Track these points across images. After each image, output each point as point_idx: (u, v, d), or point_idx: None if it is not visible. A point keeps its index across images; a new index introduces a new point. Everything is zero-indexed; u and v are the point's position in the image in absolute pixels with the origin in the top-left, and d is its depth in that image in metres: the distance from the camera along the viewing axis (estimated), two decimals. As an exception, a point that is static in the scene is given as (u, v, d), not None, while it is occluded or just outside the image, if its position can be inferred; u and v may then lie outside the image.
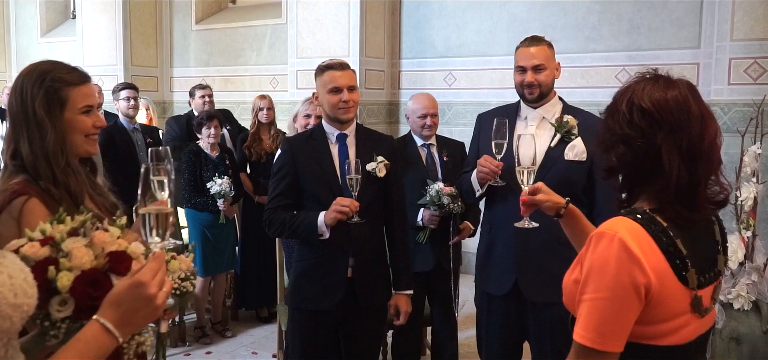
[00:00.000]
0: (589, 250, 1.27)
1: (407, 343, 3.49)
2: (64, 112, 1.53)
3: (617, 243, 1.21)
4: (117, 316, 1.00)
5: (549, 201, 1.68)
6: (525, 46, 2.46)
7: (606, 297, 1.21)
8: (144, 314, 1.03)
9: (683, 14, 4.91)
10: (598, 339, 1.22)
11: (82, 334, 0.99)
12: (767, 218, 4.38)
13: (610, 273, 1.21)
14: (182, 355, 4.12)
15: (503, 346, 2.55)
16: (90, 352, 0.97)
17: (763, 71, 4.39)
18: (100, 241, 1.09)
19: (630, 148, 1.28)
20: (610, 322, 1.22)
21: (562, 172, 2.35)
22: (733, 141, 4.16)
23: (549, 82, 2.44)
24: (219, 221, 4.26)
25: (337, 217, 2.26)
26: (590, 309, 1.23)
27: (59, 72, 1.55)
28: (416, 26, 6.08)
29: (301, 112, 3.56)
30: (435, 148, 3.47)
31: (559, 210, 1.68)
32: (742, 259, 3.54)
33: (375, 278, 2.50)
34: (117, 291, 1.02)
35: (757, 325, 3.42)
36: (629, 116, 1.28)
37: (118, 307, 1.01)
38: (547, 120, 2.44)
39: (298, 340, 2.52)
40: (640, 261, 1.20)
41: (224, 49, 7.37)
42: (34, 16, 8.81)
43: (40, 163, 1.50)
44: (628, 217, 1.27)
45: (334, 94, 2.39)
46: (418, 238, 3.33)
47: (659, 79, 1.31)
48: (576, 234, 1.67)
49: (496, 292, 2.52)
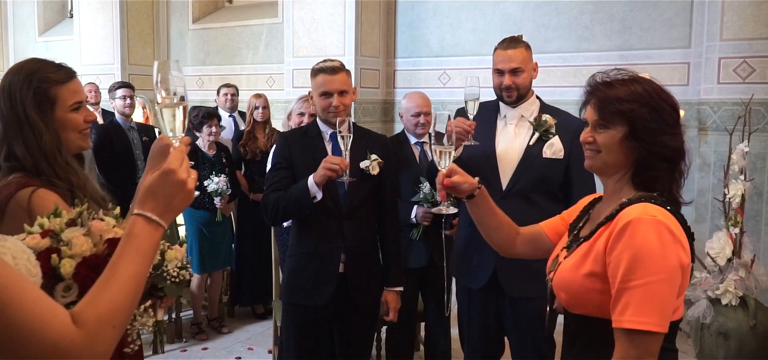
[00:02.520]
0: (625, 238, 1.27)
1: (401, 338, 3.53)
2: (54, 111, 1.54)
3: (660, 226, 1.25)
4: (156, 205, 1.03)
5: (465, 183, 1.68)
6: (502, 48, 2.48)
7: (661, 279, 1.24)
8: (179, 199, 1.06)
9: (674, 14, 4.97)
10: (659, 321, 1.24)
11: (131, 231, 1.01)
12: (754, 215, 4.45)
13: (659, 255, 1.24)
14: (179, 351, 4.16)
15: (484, 339, 2.58)
16: (144, 244, 1.00)
17: (752, 71, 4.45)
18: (98, 229, 1.14)
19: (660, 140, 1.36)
20: (667, 302, 1.25)
21: (540, 169, 2.41)
22: (722, 139, 4.22)
23: (526, 84, 2.48)
24: (215, 219, 4.29)
25: (327, 174, 2.24)
26: (645, 294, 1.23)
27: (46, 71, 1.55)
28: (411, 26, 6.12)
29: (295, 110, 3.61)
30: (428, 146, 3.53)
31: (473, 191, 1.69)
32: (730, 256, 3.60)
33: (367, 274, 2.53)
34: (149, 183, 1.05)
35: (745, 320, 3.48)
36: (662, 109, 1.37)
37: (154, 196, 1.04)
38: (525, 118, 2.49)
39: (292, 335, 2.55)
40: (681, 241, 1.27)
41: (221, 48, 7.40)
42: (31, 15, 8.82)
43: (41, 163, 1.51)
44: (650, 202, 1.32)
45: (325, 98, 2.42)
46: (412, 235, 3.37)
47: (645, 79, 1.43)
48: (483, 218, 1.72)
49: (474, 286, 2.55)
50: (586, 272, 1.33)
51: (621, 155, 1.39)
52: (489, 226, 1.74)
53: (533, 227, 1.74)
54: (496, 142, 2.51)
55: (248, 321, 4.70)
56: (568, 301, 1.41)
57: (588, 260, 1.34)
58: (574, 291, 1.37)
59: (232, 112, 5.41)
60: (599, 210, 1.51)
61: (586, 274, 1.33)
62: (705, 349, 3.61)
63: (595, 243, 1.35)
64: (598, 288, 1.32)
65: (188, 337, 4.36)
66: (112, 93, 4.83)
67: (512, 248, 1.75)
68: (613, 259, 1.28)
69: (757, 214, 4.46)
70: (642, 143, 1.36)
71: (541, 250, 1.71)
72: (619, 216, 1.31)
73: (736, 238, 3.60)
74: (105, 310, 0.92)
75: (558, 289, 1.44)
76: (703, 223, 4.64)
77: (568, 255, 1.45)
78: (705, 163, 4.73)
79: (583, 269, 1.35)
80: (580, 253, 1.38)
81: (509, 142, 2.50)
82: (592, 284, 1.33)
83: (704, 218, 4.64)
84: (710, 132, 4.68)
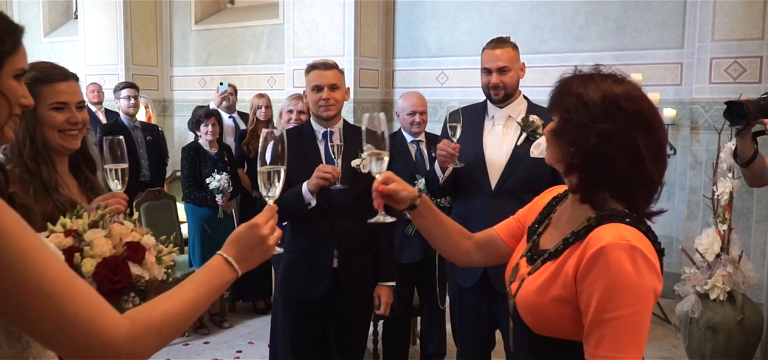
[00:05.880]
0: (597, 267, 1.16)
1: (397, 332, 3.61)
2: (35, 108, 1.62)
3: (635, 253, 1.15)
4: (236, 252, 1.16)
5: (403, 191, 1.54)
6: (490, 48, 2.55)
7: (639, 310, 1.15)
8: (258, 252, 1.19)
9: (667, 15, 5.04)
10: (636, 353, 1.15)
11: (209, 265, 1.14)
12: (745, 213, 4.52)
13: (634, 285, 1.14)
14: (181, 345, 4.24)
15: (476, 335, 2.64)
16: (214, 280, 1.12)
17: (743, 70, 4.52)
18: (118, 232, 1.22)
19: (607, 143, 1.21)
20: (643, 332, 1.17)
21: (528, 169, 2.47)
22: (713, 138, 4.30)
23: (514, 83, 2.55)
24: (217, 216, 4.38)
25: (320, 182, 2.32)
26: (622, 326, 1.14)
27: (38, 71, 1.67)
28: (409, 26, 6.21)
29: (285, 108, 3.71)
30: (424, 145, 3.60)
31: (413, 200, 1.55)
32: (718, 252, 3.67)
33: (360, 269, 2.57)
34: (237, 233, 1.19)
35: (733, 315, 3.55)
36: (605, 110, 1.22)
37: (236, 244, 1.17)
38: (513, 119, 2.55)
39: (288, 328, 2.60)
40: (655, 266, 1.18)
41: (223, 49, 7.49)
42: (37, 17, 8.93)
43: (14, 150, 1.64)
44: (619, 222, 1.20)
45: (316, 92, 2.48)
46: (407, 231, 3.44)
47: (616, 77, 1.27)
48: (430, 227, 1.59)
49: (465, 284, 2.61)
50: (554, 296, 1.24)
51: (555, 149, 1.30)
52: (436, 235, 1.61)
53: (486, 232, 1.62)
54: (484, 143, 2.57)
55: (249, 316, 4.78)
56: (535, 325, 1.31)
57: (556, 284, 1.24)
58: (542, 315, 1.28)
59: (231, 112, 5.45)
60: (561, 213, 1.40)
61: (555, 299, 1.24)
62: (693, 343, 3.69)
63: (564, 265, 1.24)
64: (568, 314, 1.23)
65: (190, 332, 4.42)
66: (116, 93, 4.94)
67: (467, 256, 1.62)
68: (585, 288, 1.18)
69: (747, 211, 4.53)
70: (567, 136, 1.26)
71: (497, 256, 1.60)
72: (589, 238, 1.20)
73: (724, 234, 3.66)
74: (158, 317, 1.00)
75: (523, 310, 1.33)
76: (694, 220, 4.72)
77: (532, 271, 1.33)
78: (697, 161, 4.81)
79: (551, 293, 1.25)
80: (546, 273, 1.27)
81: (497, 142, 2.56)
82: (562, 309, 1.23)
83: (696, 215, 4.72)
84: (702, 131, 4.76)
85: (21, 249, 0.86)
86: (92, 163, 1.85)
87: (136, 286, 1.20)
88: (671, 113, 4.79)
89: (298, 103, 3.62)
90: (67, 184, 1.73)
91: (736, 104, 2.23)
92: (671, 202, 5.07)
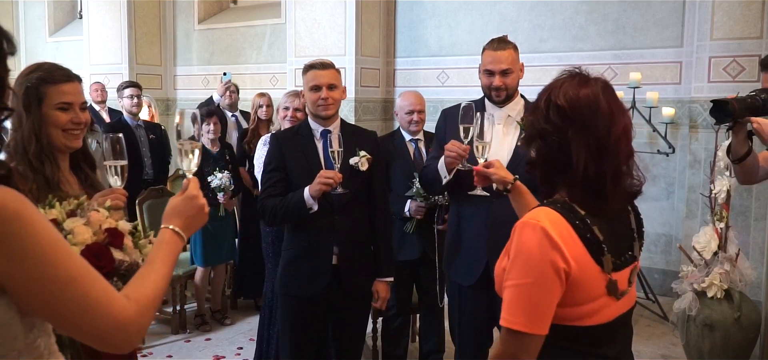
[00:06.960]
0: (514, 239, 1.32)
1: (396, 330, 3.64)
2: (41, 106, 1.72)
3: (539, 231, 1.27)
4: (182, 223, 1.27)
5: (499, 176, 1.89)
6: (492, 49, 2.54)
7: (530, 282, 1.27)
8: (198, 220, 1.32)
9: (667, 15, 5.06)
10: (525, 322, 1.27)
11: (164, 239, 1.23)
12: (743, 211, 4.54)
13: (533, 259, 1.27)
14: (183, 342, 4.29)
15: (474, 332, 2.65)
16: (175, 252, 1.22)
17: (742, 69, 4.54)
18: (96, 219, 1.28)
19: (545, 143, 1.36)
20: (535, 305, 1.27)
21: None
22: (711, 137, 4.32)
23: (515, 84, 2.57)
24: (219, 214, 4.41)
25: (322, 188, 2.36)
26: (516, 294, 1.29)
27: (43, 72, 1.74)
28: (410, 26, 6.24)
29: (281, 105, 3.75)
30: (422, 143, 3.62)
31: (506, 185, 1.86)
32: (716, 250, 3.69)
33: (359, 266, 2.60)
34: (176, 204, 1.29)
35: (730, 313, 3.56)
36: (546, 112, 1.36)
37: (179, 215, 1.27)
38: (512, 118, 2.56)
39: (288, 325, 2.62)
40: (560, 247, 1.27)
41: (225, 48, 7.54)
42: (41, 17, 8.99)
43: (18, 148, 1.71)
44: (549, 207, 1.34)
45: (314, 91, 2.50)
46: (406, 228, 3.48)
47: (575, 76, 1.37)
48: (522, 209, 1.80)
49: (464, 283, 2.62)
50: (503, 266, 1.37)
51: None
52: None
53: None
54: None
55: (250, 313, 4.81)
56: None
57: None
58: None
59: (233, 111, 5.49)
60: None
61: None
62: (691, 341, 3.71)
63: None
64: None
65: (192, 329, 4.49)
66: (120, 92, 4.98)
67: None
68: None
69: (746, 209, 4.55)
70: (529, 138, 1.43)
71: None
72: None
73: (721, 232, 3.67)
74: (151, 293, 1.08)
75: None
76: (693, 218, 4.74)
77: None
78: (696, 160, 4.82)
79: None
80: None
81: (498, 142, 2.54)
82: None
83: (695, 214, 4.74)
84: (701, 129, 4.78)
85: (50, 239, 0.93)
86: (92, 161, 1.90)
87: (120, 270, 1.25)
88: (670, 112, 4.81)
89: (295, 101, 3.65)
90: (68, 181, 1.79)
91: (721, 103, 2.25)
92: (670, 200, 5.10)
